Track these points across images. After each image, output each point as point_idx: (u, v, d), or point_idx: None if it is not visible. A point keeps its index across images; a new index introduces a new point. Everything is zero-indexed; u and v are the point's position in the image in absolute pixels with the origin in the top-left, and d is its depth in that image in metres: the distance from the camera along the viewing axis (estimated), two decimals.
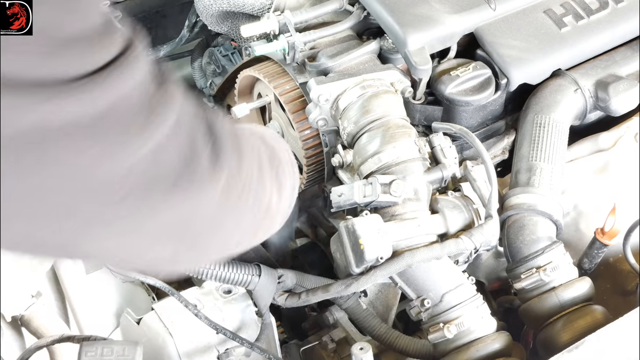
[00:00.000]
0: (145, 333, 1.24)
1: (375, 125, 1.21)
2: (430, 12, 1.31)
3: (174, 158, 0.71)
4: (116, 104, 0.63)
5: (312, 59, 1.35)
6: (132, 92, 0.65)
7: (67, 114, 0.60)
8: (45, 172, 0.62)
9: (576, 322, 1.14)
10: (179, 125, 0.71)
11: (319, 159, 1.40)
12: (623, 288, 1.33)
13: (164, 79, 0.70)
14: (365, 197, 1.14)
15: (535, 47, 1.33)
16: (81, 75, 0.60)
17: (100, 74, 0.61)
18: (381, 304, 1.35)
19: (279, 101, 1.38)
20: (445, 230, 1.16)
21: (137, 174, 0.67)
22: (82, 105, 0.60)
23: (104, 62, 0.61)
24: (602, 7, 1.38)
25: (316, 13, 1.38)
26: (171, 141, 0.70)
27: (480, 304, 1.13)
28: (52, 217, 0.65)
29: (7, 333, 1.31)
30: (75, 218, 0.66)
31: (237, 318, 1.26)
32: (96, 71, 0.61)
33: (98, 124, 0.62)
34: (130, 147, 0.66)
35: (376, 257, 1.08)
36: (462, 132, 1.22)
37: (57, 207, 0.64)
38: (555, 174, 1.25)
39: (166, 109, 0.69)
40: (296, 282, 1.21)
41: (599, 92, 1.33)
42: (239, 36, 1.54)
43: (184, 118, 0.72)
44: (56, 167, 0.62)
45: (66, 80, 0.59)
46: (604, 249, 1.23)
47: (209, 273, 1.13)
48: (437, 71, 1.31)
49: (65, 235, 0.68)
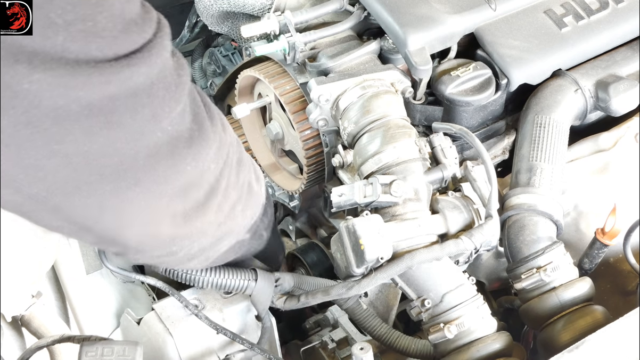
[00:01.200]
0: (145, 333, 1.24)
1: (376, 126, 1.21)
2: (430, 12, 1.31)
3: (189, 116, 0.83)
4: (162, 72, 0.76)
5: (313, 59, 1.35)
6: (167, 62, 0.77)
7: (131, 82, 0.72)
8: (111, 134, 0.73)
9: (576, 322, 1.14)
10: (192, 96, 0.85)
11: (319, 159, 1.40)
12: (623, 288, 1.33)
13: (175, 50, 0.82)
14: (365, 197, 1.14)
15: (536, 47, 1.33)
16: (136, 49, 0.72)
17: (149, 48, 0.73)
18: (381, 304, 1.35)
19: (279, 101, 1.38)
20: (446, 231, 1.16)
21: (170, 132, 0.80)
22: (141, 75, 0.73)
23: (149, 38, 0.74)
24: (603, 7, 1.38)
25: (316, 13, 1.38)
26: (188, 103, 0.83)
27: (480, 304, 1.13)
28: (104, 178, 0.76)
29: (7, 333, 1.31)
30: (118, 179, 0.77)
31: (237, 319, 1.26)
32: (144, 45, 0.73)
33: (153, 89, 0.75)
34: (170, 108, 0.78)
35: (376, 258, 1.08)
36: (462, 132, 1.22)
37: (110, 167, 0.75)
38: (555, 174, 1.25)
39: (186, 75, 0.82)
40: (294, 284, 1.21)
41: (599, 92, 1.33)
42: (239, 36, 1.54)
43: (193, 88, 0.86)
44: (119, 130, 0.74)
45: (124, 56, 0.71)
46: (604, 249, 1.23)
47: (204, 280, 1.12)
48: (437, 71, 1.32)
49: (106, 198, 0.78)
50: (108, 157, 0.75)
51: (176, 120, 0.80)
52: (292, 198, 1.57)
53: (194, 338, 1.22)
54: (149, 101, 0.75)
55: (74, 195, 0.76)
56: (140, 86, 0.73)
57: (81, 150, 0.72)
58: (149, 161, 0.79)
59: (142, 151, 0.77)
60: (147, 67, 0.73)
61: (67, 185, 0.74)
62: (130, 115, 0.74)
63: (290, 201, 1.58)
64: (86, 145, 0.72)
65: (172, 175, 0.83)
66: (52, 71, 0.65)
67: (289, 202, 1.58)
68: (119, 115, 0.73)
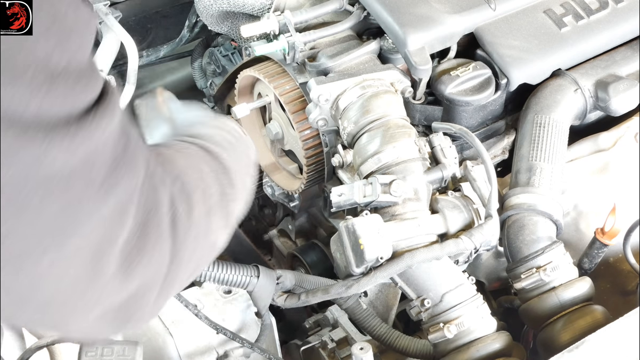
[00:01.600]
0: (145, 333, 1.24)
1: (375, 125, 1.21)
2: (430, 12, 1.31)
3: (127, 231, 0.66)
4: (95, 152, 0.60)
5: (312, 59, 1.35)
6: (107, 142, 0.62)
7: (52, 161, 0.57)
8: (21, 219, 0.59)
9: (576, 322, 1.14)
10: (139, 200, 0.67)
11: (319, 159, 1.40)
12: (623, 288, 1.33)
13: (130, 135, 0.66)
14: (365, 197, 1.14)
15: (535, 47, 1.33)
16: (68, 116, 0.57)
17: (86, 118, 0.59)
18: (381, 304, 1.35)
19: (279, 101, 1.38)
20: (445, 230, 1.16)
21: (93, 238, 0.63)
22: (66, 152, 0.58)
23: (89, 104, 0.59)
24: (602, 7, 1.38)
25: (316, 13, 1.38)
26: (131, 212, 0.66)
27: (480, 304, 1.13)
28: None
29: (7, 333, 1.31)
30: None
31: (237, 318, 1.26)
32: (82, 114, 0.59)
33: (74, 174, 0.59)
34: (94, 203, 0.62)
35: (376, 257, 1.08)
36: (462, 132, 1.22)
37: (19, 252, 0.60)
38: (555, 173, 1.25)
39: (130, 170, 0.65)
40: (295, 282, 1.21)
41: (599, 92, 1.33)
42: (239, 36, 1.54)
43: (147, 190, 0.68)
44: (28, 215, 0.59)
45: (55, 122, 0.57)
46: (604, 248, 1.23)
47: (207, 275, 1.12)
48: (437, 71, 1.31)
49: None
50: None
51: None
52: (292, 198, 1.57)
53: (194, 338, 1.22)
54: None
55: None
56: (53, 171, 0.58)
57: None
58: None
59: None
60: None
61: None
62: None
63: (290, 201, 1.58)
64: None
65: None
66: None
67: (288, 202, 1.59)
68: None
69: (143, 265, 0.68)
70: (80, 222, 0.62)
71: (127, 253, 0.66)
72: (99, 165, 0.61)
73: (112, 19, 1.55)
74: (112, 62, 1.56)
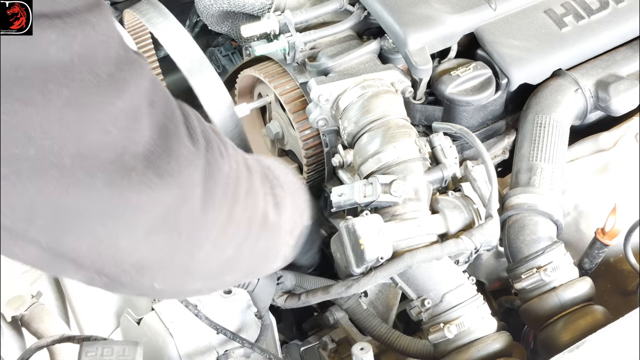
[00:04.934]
0: (145, 333, 1.24)
1: (376, 125, 1.21)
2: (430, 12, 1.31)
3: (149, 132, 0.66)
4: (92, 48, 0.60)
5: (313, 58, 1.35)
6: (104, 41, 0.62)
7: (44, 51, 0.57)
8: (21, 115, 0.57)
9: (577, 322, 1.14)
10: (152, 101, 0.67)
11: (319, 159, 1.39)
12: (624, 288, 1.33)
13: (130, 52, 0.66)
14: (365, 197, 1.14)
15: (536, 47, 1.33)
16: (68, 11, 0.58)
17: (75, 17, 0.59)
18: (381, 304, 1.35)
19: (279, 101, 1.38)
20: (446, 230, 1.16)
21: (110, 144, 0.62)
22: (57, 44, 0.58)
23: (77, 6, 0.59)
24: (603, 7, 1.38)
25: (316, 13, 1.38)
26: (146, 113, 0.66)
27: (480, 304, 1.12)
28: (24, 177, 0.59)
29: (7, 333, 1.31)
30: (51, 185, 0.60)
31: (237, 318, 1.26)
32: (70, 13, 0.59)
33: (73, 66, 0.59)
34: (103, 97, 0.61)
35: (376, 257, 1.08)
36: (462, 132, 1.22)
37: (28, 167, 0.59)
38: (555, 174, 1.25)
39: (137, 71, 0.65)
40: (296, 283, 1.21)
41: (599, 92, 1.33)
42: (239, 36, 1.54)
43: (159, 95, 0.68)
44: (30, 108, 0.57)
45: (56, 15, 0.57)
46: (604, 249, 1.23)
47: None
48: (437, 71, 1.31)
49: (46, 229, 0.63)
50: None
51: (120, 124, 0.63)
52: None
53: (194, 338, 1.22)
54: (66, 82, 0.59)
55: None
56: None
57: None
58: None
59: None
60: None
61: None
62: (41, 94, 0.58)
63: None
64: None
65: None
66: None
67: None
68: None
69: (172, 172, 0.67)
70: (93, 118, 0.61)
71: (152, 158, 0.65)
72: (101, 61, 0.61)
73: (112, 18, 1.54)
74: None
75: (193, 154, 0.71)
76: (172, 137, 0.69)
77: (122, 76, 0.63)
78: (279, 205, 0.91)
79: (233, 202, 0.80)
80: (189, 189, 0.71)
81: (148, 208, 0.68)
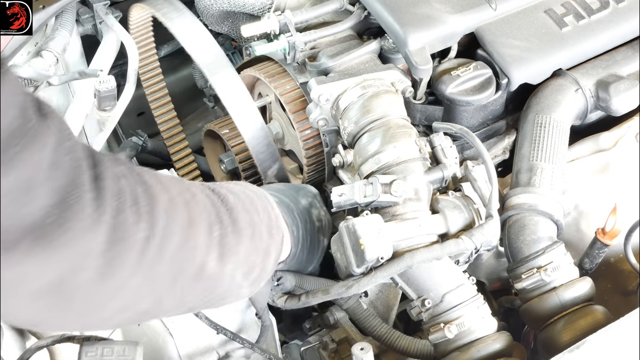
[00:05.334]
0: (145, 333, 1.24)
1: (376, 125, 1.21)
2: (431, 12, 1.31)
3: (44, 201, 0.63)
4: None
5: (313, 58, 1.35)
6: (4, 114, 0.60)
7: None
8: None
9: (577, 322, 1.14)
10: (54, 163, 0.64)
11: (319, 159, 1.39)
12: (624, 288, 1.33)
13: (42, 111, 0.64)
14: (365, 197, 1.14)
15: (536, 46, 1.33)
16: None
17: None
18: (382, 304, 1.35)
19: (279, 101, 1.38)
20: (446, 230, 1.16)
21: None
22: None
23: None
24: (603, 7, 1.38)
25: (317, 13, 1.38)
26: (43, 179, 0.63)
27: (481, 304, 1.12)
28: None
29: (7, 333, 1.31)
30: None
31: (237, 319, 1.26)
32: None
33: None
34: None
35: (377, 257, 1.08)
36: (462, 132, 1.21)
37: None
38: (556, 173, 1.25)
39: (33, 140, 0.62)
40: (295, 283, 1.21)
41: (599, 91, 1.33)
42: (239, 36, 1.54)
43: (63, 157, 0.65)
44: None
45: None
46: (604, 249, 1.23)
47: None
48: (437, 71, 1.31)
49: None
50: None
51: None
52: None
53: (194, 338, 1.22)
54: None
55: None
56: None
57: None
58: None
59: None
60: None
61: None
62: None
63: None
64: None
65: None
66: None
67: None
68: None
69: (65, 242, 0.65)
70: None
71: (45, 228, 0.63)
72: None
73: (112, 18, 1.55)
74: (112, 62, 1.56)
75: (94, 222, 0.68)
76: (71, 204, 0.65)
77: (15, 151, 0.61)
78: (225, 255, 0.88)
79: (154, 261, 0.76)
80: (83, 258, 0.68)
81: (33, 277, 0.66)
